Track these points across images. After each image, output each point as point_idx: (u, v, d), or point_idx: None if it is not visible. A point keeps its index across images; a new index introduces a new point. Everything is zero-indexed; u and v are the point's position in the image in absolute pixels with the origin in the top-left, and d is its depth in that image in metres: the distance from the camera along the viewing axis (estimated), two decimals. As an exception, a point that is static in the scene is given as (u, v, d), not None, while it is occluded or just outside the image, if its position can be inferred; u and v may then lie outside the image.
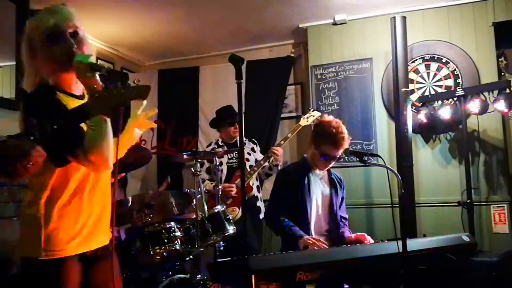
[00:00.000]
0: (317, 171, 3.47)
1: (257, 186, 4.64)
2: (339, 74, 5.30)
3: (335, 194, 3.47)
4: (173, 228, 3.53)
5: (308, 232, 3.26)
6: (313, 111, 4.48)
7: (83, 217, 2.02)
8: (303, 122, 4.38)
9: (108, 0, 4.63)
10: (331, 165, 3.46)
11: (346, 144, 3.29)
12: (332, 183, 3.51)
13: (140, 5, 4.75)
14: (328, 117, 3.49)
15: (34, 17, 2.01)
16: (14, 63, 4.25)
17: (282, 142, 4.38)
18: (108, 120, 1.82)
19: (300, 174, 3.42)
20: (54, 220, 1.93)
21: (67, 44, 1.95)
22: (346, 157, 5.04)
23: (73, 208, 1.98)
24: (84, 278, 2.04)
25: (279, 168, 4.46)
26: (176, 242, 3.49)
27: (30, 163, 1.31)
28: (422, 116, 4.64)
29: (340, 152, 3.30)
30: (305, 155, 3.52)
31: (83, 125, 1.86)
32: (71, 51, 1.93)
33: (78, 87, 2.06)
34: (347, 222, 3.58)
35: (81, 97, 2.05)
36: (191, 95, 6.26)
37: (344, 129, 3.32)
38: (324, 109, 5.27)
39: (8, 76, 4.30)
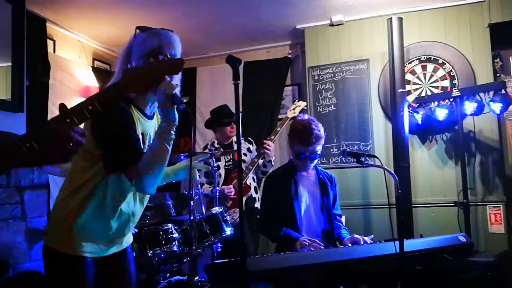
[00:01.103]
0: (304, 173, 3.41)
1: (255, 187, 4.64)
2: (336, 75, 5.31)
3: (326, 193, 3.39)
4: (170, 230, 3.52)
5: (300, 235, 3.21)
6: (298, 101, 4.48)
7: (112, 224, 2.06)
8: (290, 114, 4.37)
9: (105, 1, 4.64)
10: (311, 165, 3.38)
11: (317, 142, 3.21)
12: (321, 182, 3.43)
13: (136, 6, 4.75)
14: (301, 115, 3.47)
15: (143, 32, 2.08)
16: (10, 64, 4.22)
17: (272, 137, 4.37)
18: (169, 150, 1.90)
19: (286, 177, 3.37)
20: (85, 218, 1.97)
21: None
22: (343, 158, 5.08)
23: (104, 211, 2.02)
24: (99, 279, 2.07)
25: (273, 163, 4.47)
26: (173, 243, 3.50)
27: (71, 144, 1.29)
28: (418, 117, 4.65)
29: (314, 149, 3.23)
30: (291, 157, 3.49)
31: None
32: None
33: (152, 109, 2.14)
34: (342, 219, 3.54)
35: (150, 118, 2.12)
36: (189, 96, 6.26)
37: (315, 126, 3.23)
38: (321, 110, 5.28)
39: (4, 77, 4.28)
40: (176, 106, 1.86)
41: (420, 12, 5.03)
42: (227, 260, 2.55)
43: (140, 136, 2.02)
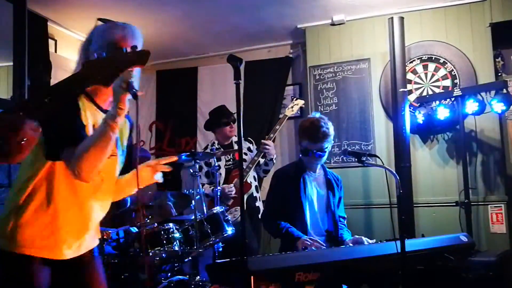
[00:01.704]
0: (312, 171, 3.46)
1: (256, 186, 4.64)
2: (337, 74, 5.31)
3: (332, 194, 3.45)
4: (171, 229, 3.52)
5: (306, 233, 3.25)
6: (296, 99, 4.48)
7: (61, 222, 1.95)
8: (288, 112, 4.36)
9: (106, 0, 4.64)
10: (319, 163, 3.43)
11: (324, 138, 3.25)
12: (329, 183, 3.49)
13: (137, 4, 4.75)
14: (312, 114, 3.52)
15: (103, 25, 2.04)
16: (11, 63, 4.23)
17: (271, 135, 4.37)
18: (113, 138, 1.80)
19: (295, 175, 3.41)
20: (28, 215, 1.90)
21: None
22: (344, 158, 5.08)
23: (54, 208, 1.93)
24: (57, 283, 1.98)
25: (274, 161, 4.48)
26: (174, 243, 3.50)
27: (24, 138, 1.23)
28: (420, 117, 4.64)
29: (322, 147, 3.26)
30: (300, 155, 3.51)
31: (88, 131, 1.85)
32: None
33: (108, 103, 2.02)
34: (345, 221, 3.57)
35: (104, 111, 2.00)
36: (190, 96, 6.27)
37: (323, 123, 3.27)
38: (322, 109, 5.28)
39: (5, 77, 4.29)
40: (130, 94, 1.73)
41: (421, 11, 5.02)
42: (229, 259, 2.55)
43: (90, 127, 1.92)
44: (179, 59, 6.41)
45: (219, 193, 4.06)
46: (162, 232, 3.48)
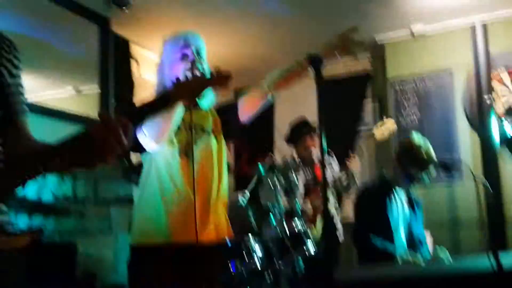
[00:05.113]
0: (398, 190, 3.40)
1: (335, 204, 4.55)
2: (419, 87, 5.18)
3: (414, 216, 3.41)
4: (251, 244, 3.50)
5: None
6: (385, 120, 4.32)
7: (173, 207, 2.13)
8: (377, 132, 4.20)
9: (188, 23, 4.78)
10: (413, 186, 3.42)
11: (432, 165, 3.24)
12: (411, 202, 3.44)
13: (217, 25, 4.87)
14: (416, 135, 3.43)
15: (165, 43, 2.38)
16: (97, 86, 4.38)
17: (357, 154, 4.28)
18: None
19: (382, 192, 3.36)
20: (142, 208, 2.13)
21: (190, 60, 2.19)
22: (431, 172, 4.88)
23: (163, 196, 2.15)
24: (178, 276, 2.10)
25: (357, 181, 4.36)
26: (254, 259, 3.47)
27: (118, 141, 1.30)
28: (508, 128, 4.40)
29: (427, 172, 3.26)
30: (383, 171, 3.44)
31: None
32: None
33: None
34: (429, 238, 3.49)
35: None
36: (267, 113, 6.29)
37: (432, 151, 3.25)
38: (404, 123, 5.15)
39: (92, 98, 4.43)
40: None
41: (505, 18, 4.79)
42: (312, 274, 2.50)
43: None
44: (256, 78, 6.44)
45: (299, 208, 4.02)
46: (242, 247, 3.46)
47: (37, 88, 4.04)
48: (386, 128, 4.21)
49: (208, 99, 2.38)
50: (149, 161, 2.23)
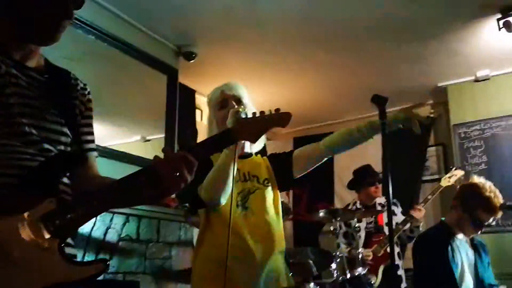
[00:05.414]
0: (460, 236, 3.23)
1: (398, 253, 4.38)
2: (485, 131, 5.03)
3: (480, 259, 3.22)
4: (312, 291, 3.41)
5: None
6: (455, 169, 4.19)
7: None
8: (445, 182, 4.08)
9: (251, 74, 4.88)
10: (480, 232, 3.22)
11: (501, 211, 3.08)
12: (475, 247, 3.27)
13: (276, 71, 4.95)
14: (479, 179, 3.28)
15: (209, 95, 2.40)
16: (163, 135, 4.48)
17: (422, 204, 4.15)
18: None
19: (443, 240, 3.19)
20: (196, 258, 2.15)
21: (230, 107, 2.18)
22: (499, 221, 4.64)
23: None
24: None
25: (421, 228, 4.20)
26: (316, 305, 3.37)
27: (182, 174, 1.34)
28: None
29: (495, 218, 3.10)
30: (443, 218, 3.32)
31: None
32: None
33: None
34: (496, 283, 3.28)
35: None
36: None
37: (499, 193, 3.10)
38: (470, 169, 4.97)
39: (158, 145, 4.53)
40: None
41: None
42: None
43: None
44: (314, 125, 6.47)
45: (361, 255, 3.90)
46: (304, 293, 3.38)
47: (108, 136, 4.15)
48: (453, 176, 4.09)
49: (259, 146, 2.38)
50: (207, 212, 2.22)
